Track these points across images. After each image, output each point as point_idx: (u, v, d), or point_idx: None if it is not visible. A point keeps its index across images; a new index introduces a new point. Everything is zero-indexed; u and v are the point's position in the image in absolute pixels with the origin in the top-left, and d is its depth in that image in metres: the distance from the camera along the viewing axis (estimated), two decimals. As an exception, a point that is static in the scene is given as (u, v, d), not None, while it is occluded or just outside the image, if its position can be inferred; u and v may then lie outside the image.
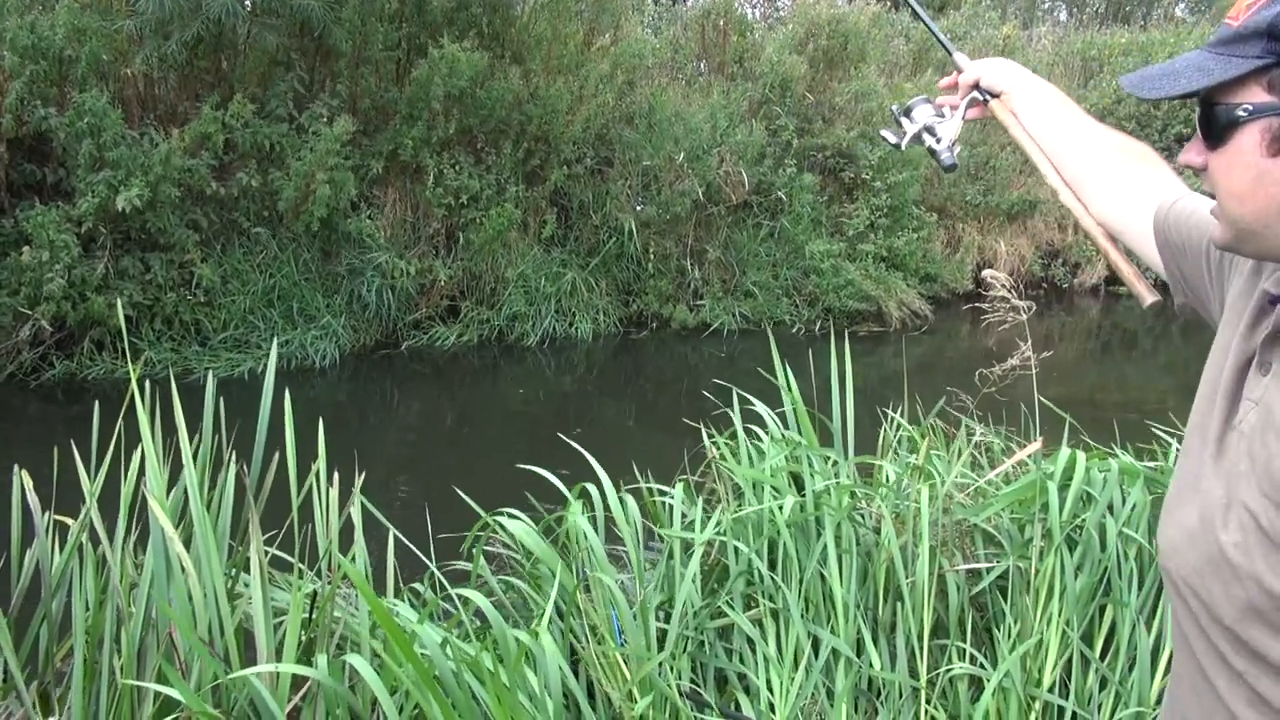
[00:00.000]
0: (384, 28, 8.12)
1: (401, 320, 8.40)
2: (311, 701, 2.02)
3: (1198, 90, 0.94)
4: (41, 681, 2.12)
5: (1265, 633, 0.90)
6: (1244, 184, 0.93)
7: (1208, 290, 1.19)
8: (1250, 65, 0.90)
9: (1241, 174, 0.93)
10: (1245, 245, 0.98)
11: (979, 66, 1.57)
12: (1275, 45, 0.88)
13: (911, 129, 1.62)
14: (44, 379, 6.97)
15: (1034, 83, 1.53)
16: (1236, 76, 0.91)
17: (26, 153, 7.17)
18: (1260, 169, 0.91)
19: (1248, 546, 0.91)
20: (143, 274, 7.27)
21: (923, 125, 1.61)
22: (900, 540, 2.65)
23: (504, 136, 8.67)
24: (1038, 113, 1.50)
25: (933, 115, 1.61)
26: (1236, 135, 0.93)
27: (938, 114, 1.61)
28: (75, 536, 2.07)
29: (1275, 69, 0.89)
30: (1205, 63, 0.94)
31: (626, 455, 3.04)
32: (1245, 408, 0.97)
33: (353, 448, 3.30)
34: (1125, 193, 1.37)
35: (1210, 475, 0.98)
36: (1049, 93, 1.51)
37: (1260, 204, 0.93)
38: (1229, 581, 0.92)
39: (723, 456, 3.02)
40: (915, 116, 1.63)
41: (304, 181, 7.49)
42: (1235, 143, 0.93)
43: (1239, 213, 0.95)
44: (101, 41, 7.09)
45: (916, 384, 3.54)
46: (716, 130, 9.46)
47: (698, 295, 9.61)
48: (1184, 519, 1.00)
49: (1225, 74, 0.91)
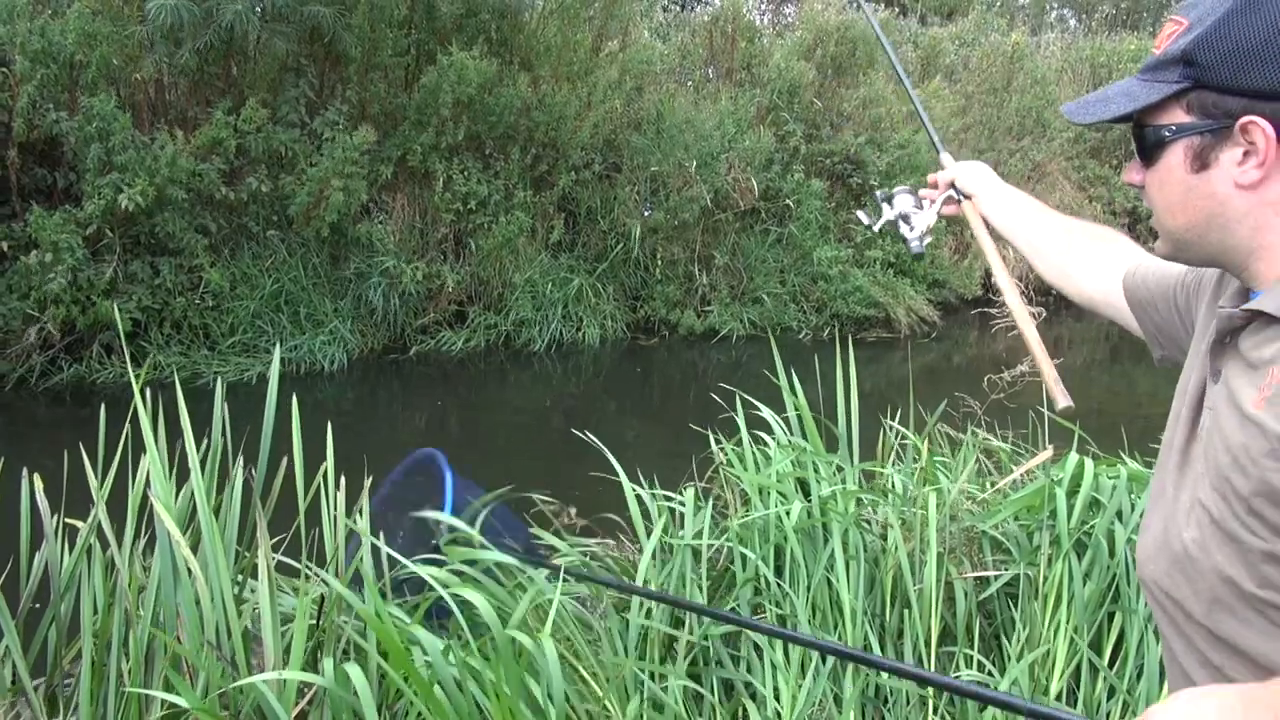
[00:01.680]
0: (393, 34, 8.15)
1: (409, 325, 8.42)
2: (318, 707, 2.02)
3: (1126, 114, 1.03)
4: (50, 684, 2.12)
5: (1234, 622, 0.95)
6: (1174, 198, 1.02)
7: (1181, 334, 1.25)
8: (1169, 89, 0.98)
9: (1172, 189, 1.02)
10: (1182, 254, 1.06)
11: (956, 168, 1.69)
12: (1189, 70, 0.96)
13: (889, 214, 1.75)
14: (53, 383, 7.00)
15: (1002, 189, 1.65)
16: (1158, 100, 0.99)
17: (38, 157, 7.21)
18: (1187, 184, 1.00)
19: (1204, 541, 0.97)
20: (152, 278, 7.30)
21: (899, 213, 1.74)
22: (908, 547, 2.64)
23: (512, 142, 8.69)
24: (1006, 215, 1.62)
25: (912, 205, 1.74)
26: (1165, 154, 1.01)
27: (917, 205, 1.74)
28: (84, 539, 2.08)
29: (1191, 92, 0.97)
30: (1133, 89, 1.02)
31: (633, 461, 3.04)
32: (1205, 416, 1.03)
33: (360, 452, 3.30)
34: (1099, 270, 1.46)
35: (1175, 484, 1.05)
36: (1016, 197, 1.63)
37: (1190, 216, 1.01)
38: (1194, 578, 0.99)
39: (730, 463, 3.01)
40: (895, 204, 1.75)
41: (318, 187, 7.52)
42: (1165, 161, 1.01)
43: (1173, 225, 1.04)
44: (112, 46, 7.13)
45: (924, 390, 3.53)
46: (724, 136, 9.47)
47: (705, 301, 9.61)
48: (1153, 527, 1.07)
49: (1148, 99, 1.00)
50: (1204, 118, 0.97)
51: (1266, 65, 0.92)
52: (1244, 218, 0.97)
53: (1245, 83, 0.93)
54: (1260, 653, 0.94)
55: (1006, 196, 1.63)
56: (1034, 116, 11.90)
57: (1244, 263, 1.01)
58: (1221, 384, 1.00)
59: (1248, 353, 0.98)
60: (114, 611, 2.01)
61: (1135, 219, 12.13)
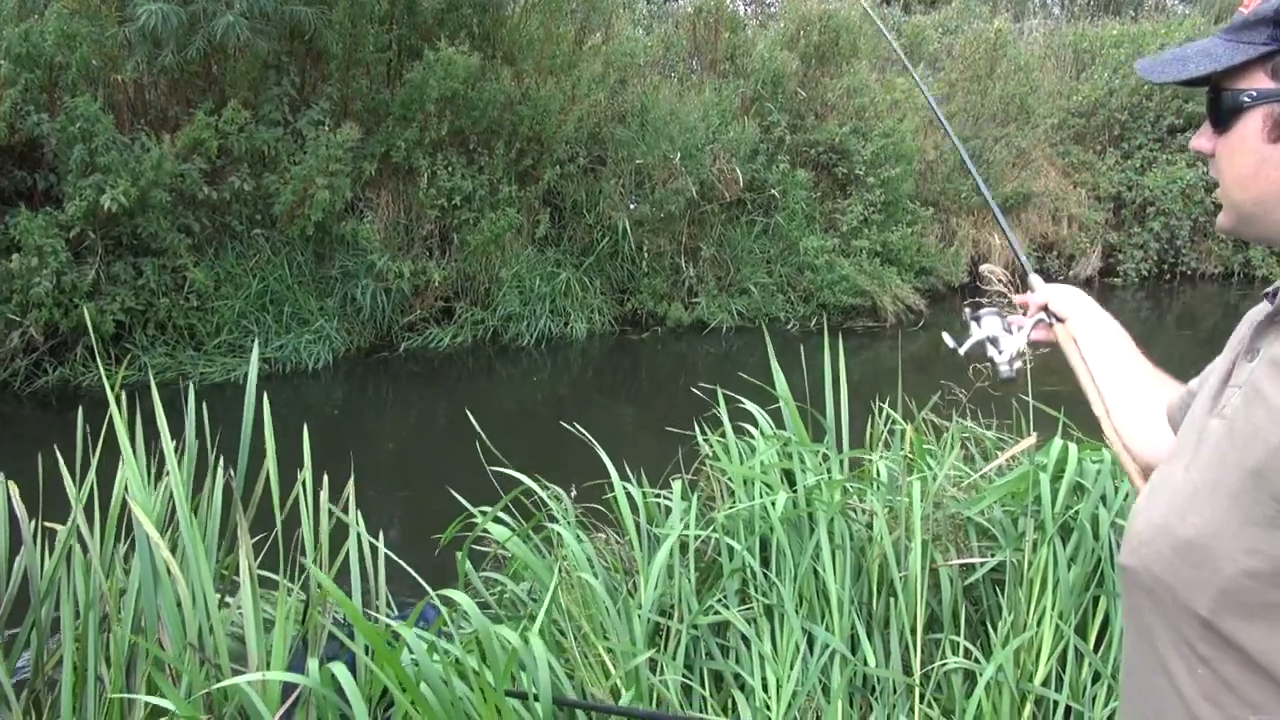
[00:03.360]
0: (374, 30, 8.10)
1: (396, 322, 8.39)
2: (303, 708, 2.01)
3: (1204, 75, 0.96)
4: (32, 690, 2.11)
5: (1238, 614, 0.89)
6: (1246, 168, 0.95)
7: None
8: (1255, 51, 0.91)
9: (1244, 159, 0.95)
10: (1245, 229, 1.00)
11: (1049, 291, 1.58)
12: (1278, 32, 0.90)
13: (977, 334, 1.64)
14: (37, 386, 6.95)
15: (1098, 315, 1.54)
16: (1241, 62, 0.93)
17: (17, 159, 7.15)
18: (1262, 154, 0.93)
19: (1219, 526, 0.90)
20: (135, 279, 7.25)
21: (987, 335, 1.63)
22: (893, 535, 2.64)
23: (496, 137, 8.66)
24: (1098, 345, 1.50)
25: (1000, 328, 1.63)
26: (1241, 121, 0.94)
27: (1005, 328, 1.63)
28: (63, 544, 2.06)
29: (1278, 55, 0.91)
30: (1214, 48, 0.95)
31: (621, 454, 3.04)
32: (1229, 394, 0.98)
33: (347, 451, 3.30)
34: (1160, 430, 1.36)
35: (1185, 469, 0.99)
36: (1111, 327, 1.52)
37: (1261, 189, 0.94)
38: (1200, 565, 0.92)
39: (715, 455, 3.01)
40: (984, 324, 1.65)
41: (302, 186, 7.48)
42: (1240, 128, 0.94)
43: (1241, 197, 0.97)
44: (91, 47, 7.08)
45: (911, 378, 3.54)
46: (709, 128, 9.45)
47: (692, 293, 9.60)
48: (1152, 513, 1.01)
49: (1230, 60, 0.93)
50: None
51: None
52: None
53: None
54: (1260, 649, 0.89)
55: (1103, 324, 1.51)
56: (1018, 103, 11.90)
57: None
58: (1259, 361, 0.96)
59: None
60: (94, 616, 2.00)
61: (1120, 204, 12.15)
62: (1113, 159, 12.20)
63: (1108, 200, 12.10)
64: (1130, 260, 11.84)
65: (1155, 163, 12.05)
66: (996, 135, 11.54)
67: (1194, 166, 11.82)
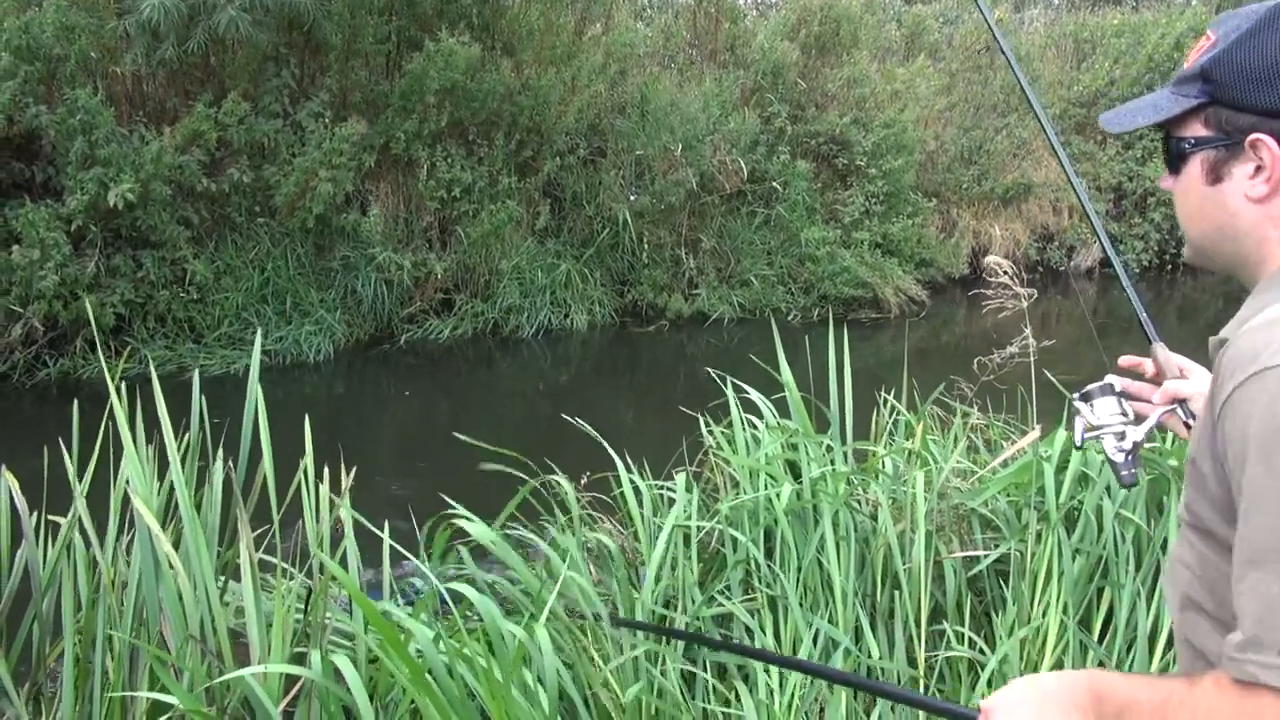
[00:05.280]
0: (374, 21, 8.07)
1: (396, 314, 8.37)
2: (306, 699, 2.00)
3: (1149, 125, 1.08)
4: (34, 683, 2.10)
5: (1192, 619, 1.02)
6: (1193, 207, 1.07)
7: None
8: (1189, 104, 1.03)
9: (1191, 199, 1.06)
10: (1203, 261, 1.11)
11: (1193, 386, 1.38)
12: (1207, 86, 1.01)
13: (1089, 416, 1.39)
14: (38, 379, 6.94)
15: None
16: (1180, 113, 1.04)
17: (15, 151, 7.12)
18: (1204, 194, 1.04)
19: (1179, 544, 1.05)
20: (134, 271, 7.23)
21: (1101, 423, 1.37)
22: (898, 527, 2.63)
23: (496, 128, 8.63)
24: None
25: (1116, 414, 1.38)
26: (1186, 165, 1.06)
27: (1123, 413, 1.38)
28: (64, 536, 2.05)
29: (1209, 107, 1.02)
30: (1160, 101, 1.07)
31: (623, 445, 3.03)
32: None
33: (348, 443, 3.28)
34: None
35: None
36: None
37: (1206, 225, 1.06)
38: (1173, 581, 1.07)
39: (719, 446, 3.00)
40: (1096, 408, 1.39)
41: (304, 178, 7.47)
42: (1186, 171, 1.06)
43: (1193, 232, 1.09)
44: (90, 39, 7.05)
45: (914, 369, 3.52)
46: (709, 119, 9.42)
47: (693, 285, 9.58)
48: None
49: (1170, 111, 1.05)
50: (1219, 132, 1.01)
51: (1272, 86, 0.96)
52: (1252, 230, 1.01)
53: (1255, 101, 0.97)
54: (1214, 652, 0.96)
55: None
56: (1018, 93, 11.86)
57: (1252, 274, 1.04)
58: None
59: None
60: (97, 608, 1.99)
61: (1120, 194, 12.13)
62: (1114, 149, 12.17)
63: (1109, 191, 12.07)
64: (1131, 251, 11.83)
65: (1156, 153, 12.01)
66: (997, 125, 11.52)
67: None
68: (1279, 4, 0.98)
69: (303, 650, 2.06)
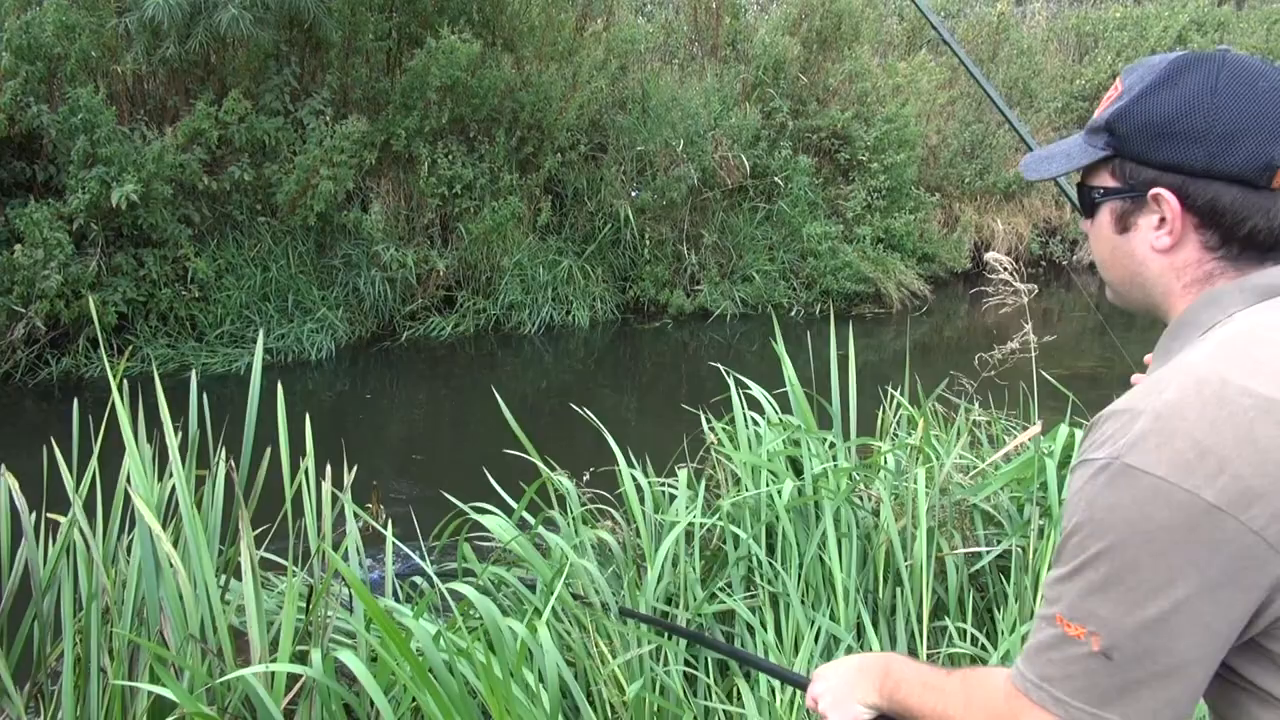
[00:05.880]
0: (374, 17, 8.06)
1: (398, 312, 8.37)
2: (307, 698, 2.00)
3: (1062, 173, 1.09)
4: (34, 682, 2.10)
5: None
6: (1105, 254, 1.08)
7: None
8: (1097, 155, 1.04)
9: (1103, 245, 1.08)
10: (1121, 302, 1.11)
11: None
12: (1112, 139, 1.02)
13: None
14: (41, 378, 6.94)
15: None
16: (1089, 164, 1.05)
17: (16, 150, 7.13)
18: (1114, 243, 1.06)
19: None
20: (136, 270, 7.23)
21: None
22: (900, 524, 2.63)
23: (497, 125, 8.62)
24: None
25: None
26: (1098, 213, 1.06)
27: None
28: (64, 536, 2.05)
29: (1115, 159, 1.02)
30: (1073, 149, 1.08)
31: (625, 441, 3.02)
32: None
33: (350, 441, 3.28)
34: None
35: None
36: None
37: (1118, 271, 1.08)
38: None
39: (721, 442, 3.00)
40: None
41: (306, 176, 7.46)
42: (1098, 219, 1.07)
43: (1107, 277, 1.11)
44: (90, 38, 7.04)
45: (915, 365, 3.52)
46: (711, 114, 9.40)
47: (695, 281, 9.57)
48: None
49: (1080, 161, 1.06)
50: (1125, 184, 1.02)
51: (1172, 141, 0.96)
52: (1158, 279, 1.03)
53: (1154, 156, 0.98)
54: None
55: None
56: (1020, 87, 11.84)
57: (1164, 317, 1.06)
58: None
59: None
60: (96, 607, 1.99)
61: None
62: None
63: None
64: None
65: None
66: (999, 120, 11.47)
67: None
68: (1180, 58, 0.99)
69: (304, 649, 2.06)
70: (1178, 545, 0.82)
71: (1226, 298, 0.97)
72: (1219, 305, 0.97)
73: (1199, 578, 0.82)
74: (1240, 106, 0.94)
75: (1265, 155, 0.93)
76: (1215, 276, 0.98)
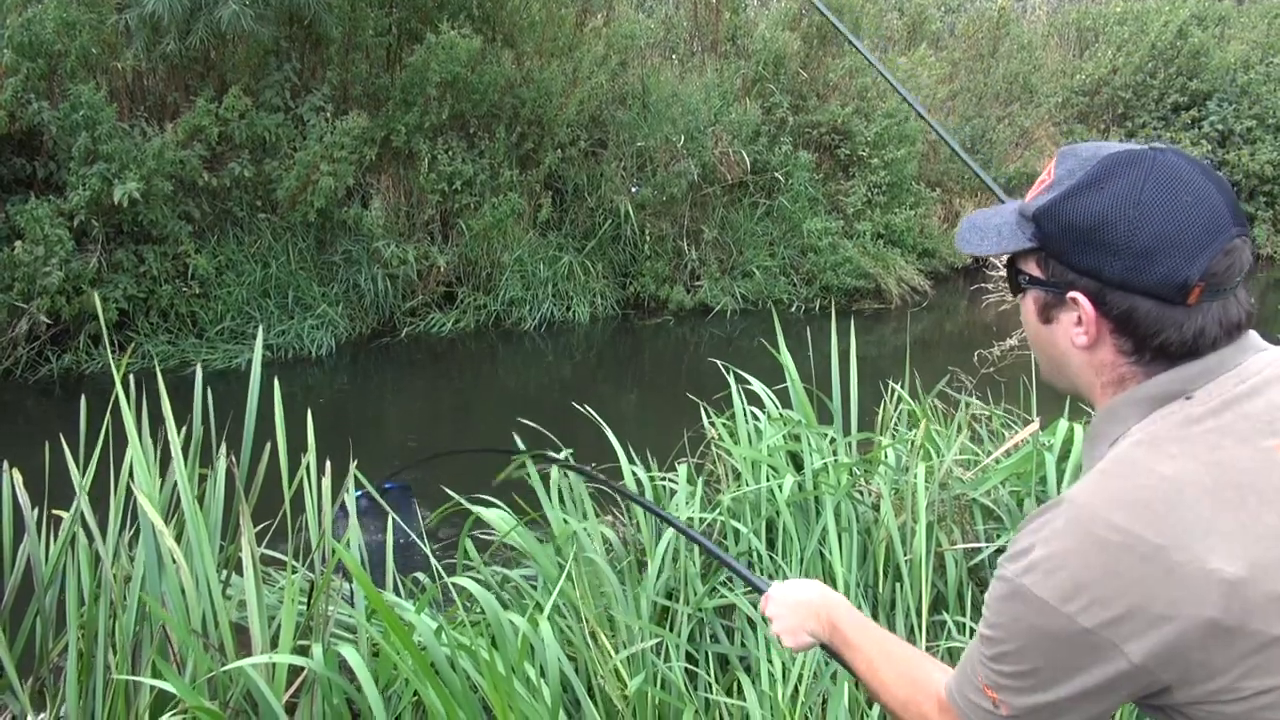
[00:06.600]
0: (374, 14, 8.06)
1: (398, 308, 8.37)
2: (308, 692, 2.01)
3: (992, 254, 1.07)
4: (37, 677, 2.11)
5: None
6: (1030, 335, 1.09)
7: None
8: (1024, 245, 1.02)
9: (1029, 327, 1.08)
10: (1049, 382, 1.12)
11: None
12: (1039, 232, 1.01)
13: None
14: (41, 374, 6.95)
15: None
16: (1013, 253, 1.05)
17: (16, 147, 7.13)
18: (1037, 329, 1.06)
19: None
20: (136, 266, 7.24)
21: None
22: (899, 519, 2.63)
23: (497, 121, 8.62)
24: None
25: None
26: (1024, 296, 1.06)
27: None
28: (67, 531, 2.06)
29: (1039, 253, 1.01)
30: (1004, 228, 1.05)
31: (626, 437, 3.03)
32: None
33: (350, 437, 3.29)
34: None
35: None
36: None
37: (1043, 355, 1.08)
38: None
39: (721, 438, 3.00)
40: None
41: (306, 172, 7.47)
42: (1025, 302, 1.07)
43: (1037, 356, 1.12)
44: (90, 35, 7.04)
45: (915, 361, 3.52)
46: (711, 110, 9.40)
47: (695, 276, 9.57)
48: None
49: (1010, 246, 1.04)
50: (1047, 278, 1.01)
51: (1091, 249, 0.96)
52: (1079, 373, 1.04)
53: (1074, 260, 0.97)
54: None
55: None
56: (1020, 82, 11.83)
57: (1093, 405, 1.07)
58: None
59: None
60: (100, 602, 2.00)
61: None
62: (1116, 137, 12.13)
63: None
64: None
65: (1160, 140, 11.97)
66: (999, 115, 11.48)
67: (1199, 144, 11.75)
68: (1110, 157, 0.97)
69: (304, 643, 2.06)
70: (1061, 654, 0.95)
71: (1123, 410, 1.00)
72: (1117, 419, 1.01)
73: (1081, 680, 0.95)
74: (1161, 221, 0.93)
75: (1182, 275, 0.92)
76: (1127, 380, 1.00)
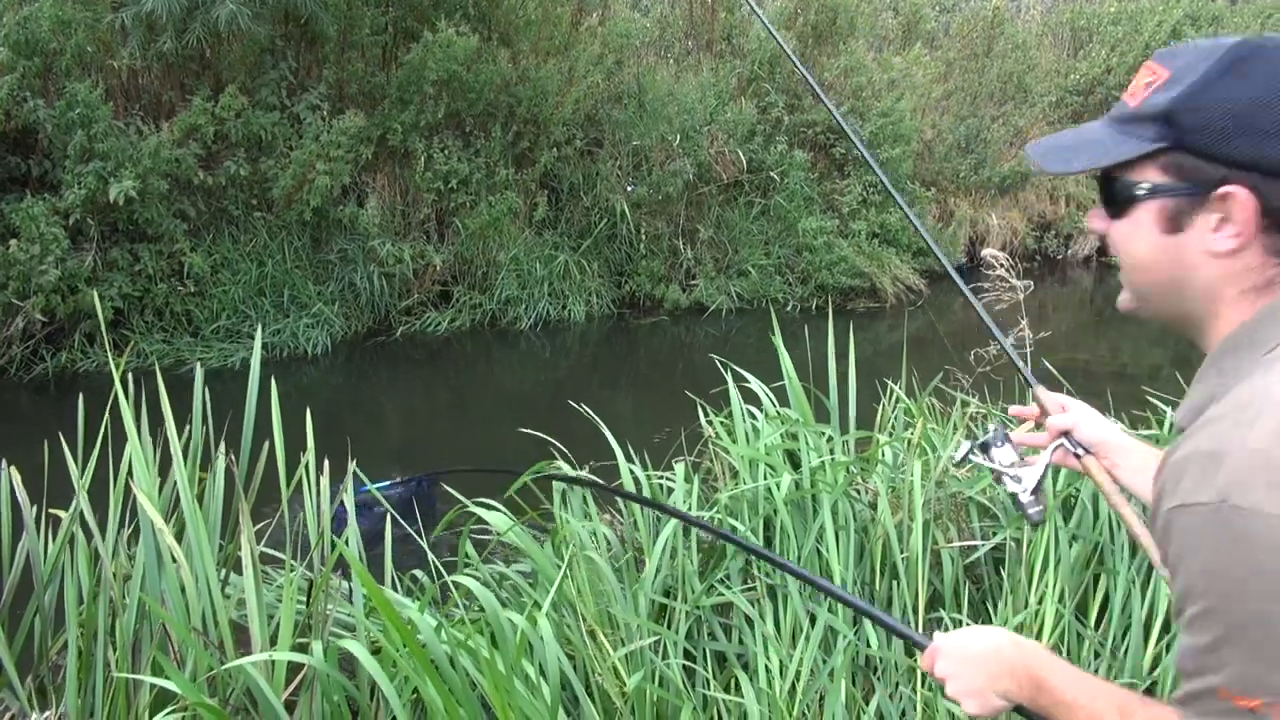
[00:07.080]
0: (370, 12, 8.05)
1: (393, 307, 8.37)
2: (308, 689, 2.01)
3: (1095, 167, 0.97)
4: (37, 675, 2.11)
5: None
6: (1140, 255, 0.98)
7: None
8: (1145, 147, 0.93)
9: (1139, 246, 0.97)
10: (1143, 309, 1.02)
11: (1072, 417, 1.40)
12: (1168, 130, 0.91)
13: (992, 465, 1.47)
14: (36, 374, 6.94)
15: (1130, 443, 1.37)
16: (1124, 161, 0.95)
17: (11, 145, 7.12)
18: (1157, 244, 0.95)
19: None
20: (131, 265, 7.23)
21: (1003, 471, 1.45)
22: (896, 517, 2.65)
23: (493, 119, 8.62)
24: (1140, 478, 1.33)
25: (1014, 459, 1.45)
26: (1136, 209, 0.96)
27: (1019, 458, 1.45)
28: (66, 530, 2.06)
29: (1169, 153, 0.92)
30: (1105, 139, 0.97)
31: (623, 435, 3.04)
32: None
33: (346, 436, 3.29)
34: None
35: None
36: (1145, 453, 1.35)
37: (1155, 275, 0.97)
38: None
39: (718, 436, 3.01)
40: (994, 458, 1.46)
41: (302, 170, 7.46)
42: (1135, 215, 0.96)
43: (1138, 280, 1.00)
44: (86, 33, 7.03)
45: (911, 359, 3.54)
46: (707, 109, 9.40)
47: (690, 275, 9.58)
48: None
49: (1122, 154, 0.94)
50: (1181, 180, 0.92)
51: (1252, 136, 0.87)
52: (1208, 287, 0.93)
53: (1228, 151, 0.88)
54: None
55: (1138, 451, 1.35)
56: (1015, 82, 11.85)
57: (1197, 331, 0.98)
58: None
59: None
60: (99, 600, 2.00)
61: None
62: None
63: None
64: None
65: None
66: (994, 114, 11.51)
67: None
68: (1238, 45, 0.89)
69: (304, 641, 2.07)
70: None
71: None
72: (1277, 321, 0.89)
73: None
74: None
75: None
76: (1275, 284, 0.90)
